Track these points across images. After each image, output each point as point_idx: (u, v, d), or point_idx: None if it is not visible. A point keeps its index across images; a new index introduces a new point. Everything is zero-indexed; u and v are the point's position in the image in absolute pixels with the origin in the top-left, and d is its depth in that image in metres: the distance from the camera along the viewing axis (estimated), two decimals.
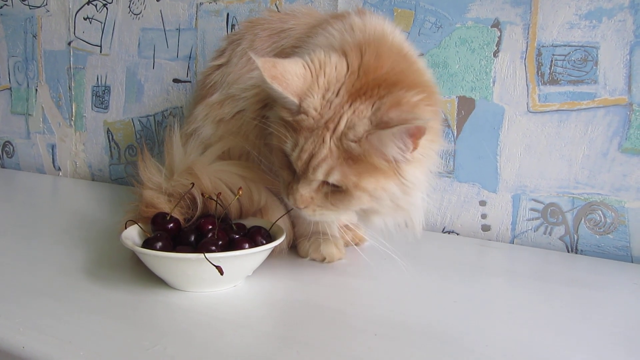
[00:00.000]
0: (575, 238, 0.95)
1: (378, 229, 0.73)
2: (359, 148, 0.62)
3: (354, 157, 0.63)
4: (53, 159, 1.58)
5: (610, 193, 0.91)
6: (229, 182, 0.77)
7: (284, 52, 0.80)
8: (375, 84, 0.64)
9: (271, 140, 0.73)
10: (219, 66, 0.87)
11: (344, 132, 0.63)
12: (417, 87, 0.65)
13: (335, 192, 0.66)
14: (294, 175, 0.68)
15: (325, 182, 0.66)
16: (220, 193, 0.73)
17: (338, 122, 0.63)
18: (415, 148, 0.63)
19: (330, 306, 0.66)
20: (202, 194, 0.74)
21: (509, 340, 0.58)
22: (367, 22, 0.72)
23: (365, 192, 0.65)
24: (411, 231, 0.73)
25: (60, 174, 1.58)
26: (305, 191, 0.67)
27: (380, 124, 0.61)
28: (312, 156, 0.64)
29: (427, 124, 0.61)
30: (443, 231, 1.06)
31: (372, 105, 0.63)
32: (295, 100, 0.65)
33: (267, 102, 0.77)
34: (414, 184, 0.66)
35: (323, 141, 0.64)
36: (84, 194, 1.34)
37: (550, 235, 0.97)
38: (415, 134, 0.61)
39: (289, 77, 0.64)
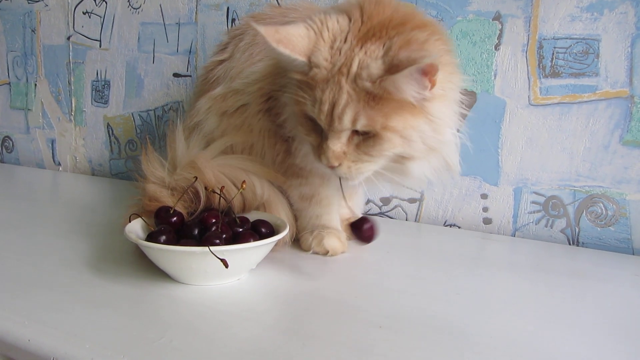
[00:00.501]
0: (577, 231, 0.95)
1: (419, 181, 0.73)
2: (375, 88, 0.62)
3: (375, 98, 0.62)
4: (53, 153, 1.58)
5: (611, 185, 0.92)
6: (232, 176, 0.77)
7: None
8: (382, 26, 0.64)
9: (284, 122, 0.74)
10: (222, 61, 0.87)
11: (357, 73, 0.62)
12: (425, 25, 0.65)
13: (366, 140, 0.65)
14: (322, 137, 0.68)
15: (354, 133, 0.65)
16: (223, 187, 0.73)
17: (350, 65, 0.63)
18: (433, 85, 0.63)
19: (333, 299, 0.66)
20: (206, 188, 0.74)
21: (511, 332, 0.58)
22: None
23: (395, 133, 0.64)
24: (449, 174, 0.73)
25: (60, 168, 1.58)
26: (336, 146, 0.66)
27: (391, 68, 0.60)
28: (333, 105, 0.63)
29: (440, 60, 0.61)
30: (444, 224, 1.06)
31: (383, 45, 0.63)
32: (304, 59, 0.64)
33: (270, 95, 0.77)
34: (441, 119, 0.66)
35: (340, 87, 0.63)
36: (84, 189, 1.34)
37: (551, 228, 0.97)
38: (430, 71, 0.61)
39: (293, 39, 0.64)
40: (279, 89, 0.74)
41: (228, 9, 1.22)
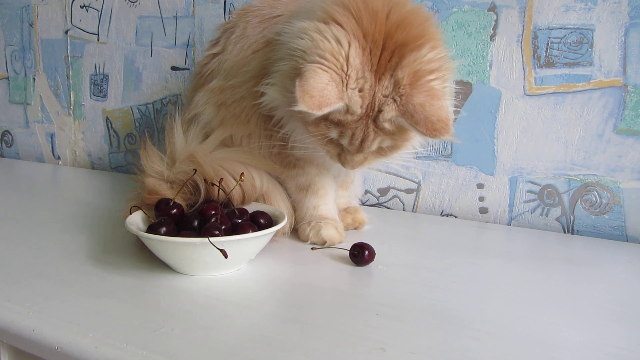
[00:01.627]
0: (572, 219, 0.96)
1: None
2: (392, 125, 0.68)
3: (395, 127, 0.69)
4: (52, 147, 1.59)
5: (605, 174, 0.93)
6: (230, 170, 0.78)
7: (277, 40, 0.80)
8: (389, 53, 0.66)
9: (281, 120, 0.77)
10: (215, 55, 0.88)
11: (376, 115, 0.67)
12: (424, 36, 0.67)
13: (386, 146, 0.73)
14: (341, 147, 0.73)
15: None
16: (222, 179, 0.74)
17: (373, 106, 0.67)
18: None
19: (331, 287, 0.67)
20: (205, 180, 0.75)
21: (507, 318, 0.59)
22: None
23: (412, 140, 0.73)
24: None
25: (60, 162, 1.58)
26: (359, 157, 0.73)
27: (405, 114, 0.65)
28: (363, 139, 0.70)
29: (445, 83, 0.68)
30: (441, 214, 1.07)
31: (391, 77, 0.66)
32: (342, 104, 0.66)
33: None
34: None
35: (367, 126, 0.69)
36: (84, 183, 1.35)
37: (546, 216, 0.98)
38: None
39: (325, 93, 0.64)
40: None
41: (225, 1, 1.22)
